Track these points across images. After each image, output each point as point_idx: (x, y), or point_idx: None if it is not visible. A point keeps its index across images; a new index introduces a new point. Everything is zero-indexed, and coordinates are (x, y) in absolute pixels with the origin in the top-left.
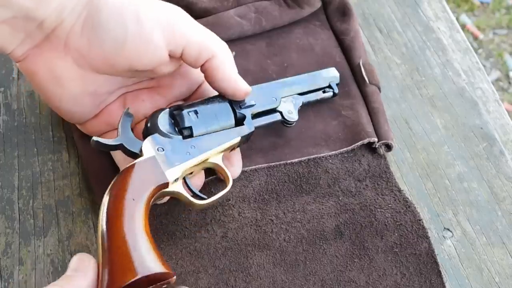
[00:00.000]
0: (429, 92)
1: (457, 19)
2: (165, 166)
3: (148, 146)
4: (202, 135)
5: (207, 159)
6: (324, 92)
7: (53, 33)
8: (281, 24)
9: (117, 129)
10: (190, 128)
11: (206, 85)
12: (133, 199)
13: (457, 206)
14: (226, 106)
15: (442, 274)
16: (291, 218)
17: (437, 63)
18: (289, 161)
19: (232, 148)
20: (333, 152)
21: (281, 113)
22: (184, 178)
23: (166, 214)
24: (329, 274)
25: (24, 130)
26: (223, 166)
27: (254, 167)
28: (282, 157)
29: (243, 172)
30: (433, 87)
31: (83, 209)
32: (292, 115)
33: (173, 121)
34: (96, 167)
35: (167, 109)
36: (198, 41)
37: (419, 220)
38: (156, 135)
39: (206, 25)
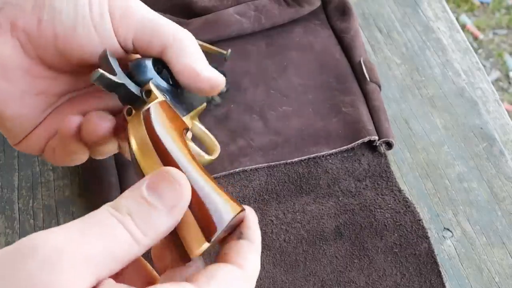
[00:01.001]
0: (429, 92)
1: (457, 19)
2: (178, 112)
3: (155, 90)
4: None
5: (194, 120)
6: None
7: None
8: (280, 23)
9: (108, 67)
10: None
11: None
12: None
13: (457, 206)
14: None
15: (442, 274)
16: (291, 219)
17: (437, 63)
18: (289, 161)
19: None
20: (334, 151)
21: None
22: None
23: None
24: (329, 275)
25: None
26: (207, 131)
27: (254, 166)
28: (282, 156)
29: (243, 171)
30: (433, 87)
31: (83, 209)
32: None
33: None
34: (96, 167)
35: (151, 58)
36: (150, 27)
37: (419, 220)
38: (156, 79)
39: (205, 23)
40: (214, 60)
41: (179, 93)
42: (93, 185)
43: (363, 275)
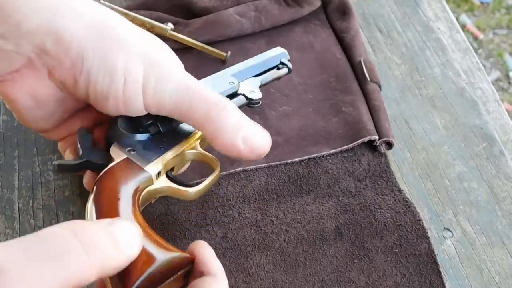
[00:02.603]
0: (429, 92)
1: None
2: (142, 163)
3: (117, 151)
4: (169, 129)
5: (183, 150)
6: (278, 69)
7: (39, 59)
8: (280, 23)
9: (77, 150)
10: (155, 124)
11: None
12: (119, 200)
13: (457, 206)
14: None
15: (442, 274)
16: (291, 219)
17: (437, 63)
18: (289, 161)
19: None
20: (334, 151)
21: (244, 95)
22: (167, 174)
23: (166, 214)
24: (329, 275)
25: (24, 130)
26: (204, 152)
27: (254, 166)
28: (282, 156)
29: (243, 171)
30: (433, 87)
31: (83, 209)
32: (256, 94)
33: (134, 122)
34: None
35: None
36: (186, 103)
37: (419, 220)
38: (122, 139)
39: (205, 23)
40: (213, 64)
41: (170, 130)
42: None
43: (363, 275)
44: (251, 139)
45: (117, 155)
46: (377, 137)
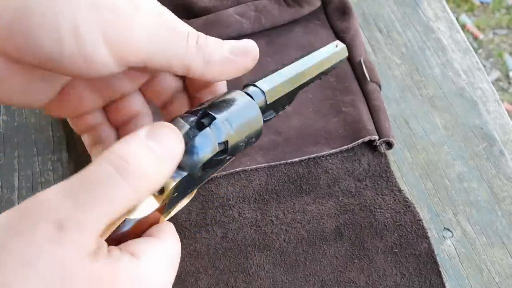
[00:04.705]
0: (429, 92)
1: (457, 19)
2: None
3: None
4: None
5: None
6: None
7: None
8: (281, 23)
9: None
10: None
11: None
12: None
13: (457, 206)
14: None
15: (442, 274)
16: (291, 219)
17: (437, 63)
18: (289, 161)
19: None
20: (334, 151)
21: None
22: None
23: None
24: (329, 275)
25: (24, 130)
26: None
27: (254, 166)
28: (282, 156)
29: (243, 171)
30: (433, 87)
31: None
32: None
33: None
34: None
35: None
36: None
37: (419, 220)
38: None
39: (205, 23)
40: None
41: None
42: None
43: (363, 275)
44: (237, 45)
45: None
46: (377, 137)
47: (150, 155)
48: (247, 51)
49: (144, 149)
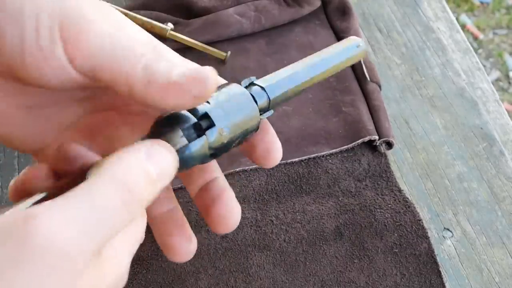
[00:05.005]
0: (429, 92)
1: (457, 19)
2: None
3: None
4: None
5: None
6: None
7: None
8: (280, 23)
9: None
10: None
11: None
12: None
13: (457, 206)
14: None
15: (442, 274)
16: (291, 219)
17: (437, 63)
18: (289, 161)
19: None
20: (334, 151)
21: None
22: None
23: None
24: (329, 275)
25: None
26: None
27: (254, 166)
28: (282, 156)
29: (243, 171)
30: (433, 87)
31: None
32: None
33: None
34: None
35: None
36: (110, 51)
37: (419, 220)
38: None
39: (205, 23)
40: (213, 64)
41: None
42: None
43: (363, 275)
44: (189, 68)
45: None
46: (377, 137)
47: (148, 180)
48: (198, 76)
49: (145, 176)
